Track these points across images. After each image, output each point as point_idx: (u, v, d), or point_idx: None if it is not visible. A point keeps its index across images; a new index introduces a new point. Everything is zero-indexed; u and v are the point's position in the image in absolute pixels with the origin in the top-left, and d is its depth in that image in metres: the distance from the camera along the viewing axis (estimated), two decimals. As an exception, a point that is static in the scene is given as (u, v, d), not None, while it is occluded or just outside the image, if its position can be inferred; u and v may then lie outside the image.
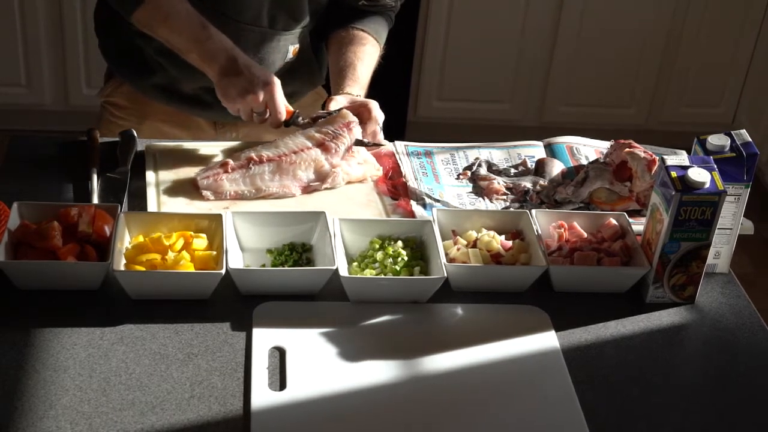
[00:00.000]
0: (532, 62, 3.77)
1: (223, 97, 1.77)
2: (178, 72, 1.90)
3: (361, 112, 1.82)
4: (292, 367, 1.37)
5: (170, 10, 1.79)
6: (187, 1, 1.80)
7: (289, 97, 2.04)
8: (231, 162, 1.73)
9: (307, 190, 1.76)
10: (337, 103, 1.83)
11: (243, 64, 1.76)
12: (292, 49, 1.96)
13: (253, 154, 1.75)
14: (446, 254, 1.56)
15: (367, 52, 1.96)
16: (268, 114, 1.78)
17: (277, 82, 1.77)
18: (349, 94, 1.87)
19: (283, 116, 1.78)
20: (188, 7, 1.80)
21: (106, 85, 2.06)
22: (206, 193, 1.71)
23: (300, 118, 1.80)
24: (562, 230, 1.62)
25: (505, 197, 1.78)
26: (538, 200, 1.77)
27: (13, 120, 3.64)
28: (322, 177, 1.77)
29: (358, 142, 1.78)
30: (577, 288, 1.57)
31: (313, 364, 1.38)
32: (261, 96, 1.74)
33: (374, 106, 1.84)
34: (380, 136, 1.84)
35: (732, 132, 1.61)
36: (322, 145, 1.77)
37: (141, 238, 1.53)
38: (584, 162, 1.88)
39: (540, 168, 1.84)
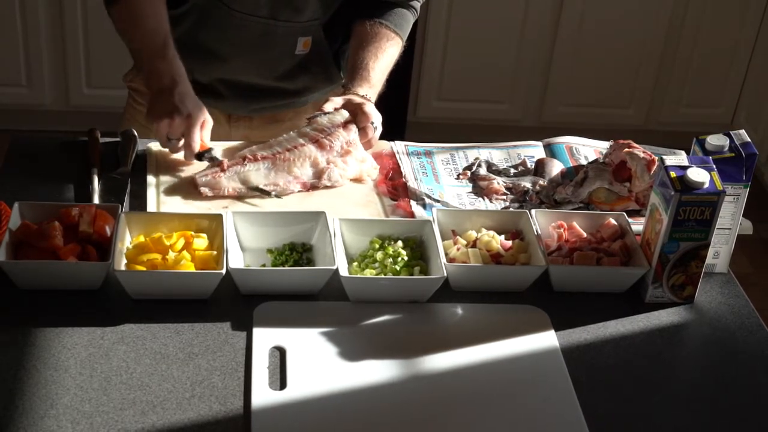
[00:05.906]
0: (532, 62, 3.77)
1: (148, 114, 1.79)
2: (192, 62, 1.89)
3: (355, 111, 1.83)
4: (292, 366, 1.37)
5: (139, 17, 1.81)
6: (163, 17, 1.81)
7: (302, 92, 2.03)
8: (226, 161, 1.74)
9: (307, 187, 1.77)
10: (333, 103, 1.84)
11: (178, 92, 1.76)
12: (303, 41, 1.96)
13: (247, 153, 1.76)
14: (446, 254, 1.56)
15: (383, 50, 1.95)
16: (181, 144, 1.77)
17: (201, 119, 1.77)
18: (356, 93, 1.87)
19: (195, 149, 1.76)
20: (158, 23, 1.81)
21: (129, 71, 2.08)
22: (204, 189, 1.71)
23: (212, 153, 1.78)
24: (562, 230, 1.63)
25: (504, 197, 1.78)
26: (537, 200, 1.77)
27: (13, 120, 3.65)
28: (318, 174, 1.77)
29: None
30: (577, 288, 1.58)
31: (313, 363, 1.38)
32: (177, 123, 1.74)
33: (368, 104, 1.85)
34: (375, 135, 1.84)
35: (731, 132, 1.62)
36: (316, 142, 1.78)
37: (142, 238, 1.53)
38: (583, 162, 1.88)
39: (539, 168, 1.84)
